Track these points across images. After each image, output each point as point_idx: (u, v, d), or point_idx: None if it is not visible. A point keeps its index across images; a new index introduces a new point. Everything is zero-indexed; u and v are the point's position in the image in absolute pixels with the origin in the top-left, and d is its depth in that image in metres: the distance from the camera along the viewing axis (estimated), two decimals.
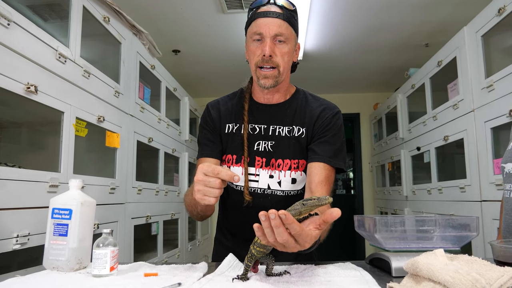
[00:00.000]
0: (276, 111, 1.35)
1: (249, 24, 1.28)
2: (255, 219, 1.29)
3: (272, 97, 1.35)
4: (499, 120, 2.12)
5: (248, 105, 1.36)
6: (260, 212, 0.75)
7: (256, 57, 1.24)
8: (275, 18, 1.22)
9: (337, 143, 1.31)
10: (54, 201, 1.04)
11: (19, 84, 1.41)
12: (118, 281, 0.89)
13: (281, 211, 0.74)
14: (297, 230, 0.75)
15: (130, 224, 2.35)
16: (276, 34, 1.22)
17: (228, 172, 0.91)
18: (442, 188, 2.85)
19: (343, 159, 1.31)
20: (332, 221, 0.78)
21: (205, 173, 0.93)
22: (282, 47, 1.24)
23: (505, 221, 1.33)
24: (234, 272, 0.95)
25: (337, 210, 0.75)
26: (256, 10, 1.25)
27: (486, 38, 2.28)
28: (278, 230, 0.75)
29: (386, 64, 4.30)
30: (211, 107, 1.42)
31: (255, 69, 1.26)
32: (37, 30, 1.53)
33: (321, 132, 1.31)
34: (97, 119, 1.95)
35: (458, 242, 0.95)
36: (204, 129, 1.40)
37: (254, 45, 1.25)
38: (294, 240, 0.77)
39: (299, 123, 1.33)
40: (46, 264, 1.02)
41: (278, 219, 0.73)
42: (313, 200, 0.80)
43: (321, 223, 0.80)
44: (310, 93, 1.42)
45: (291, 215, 0.78)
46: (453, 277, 0.64)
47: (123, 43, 2.30)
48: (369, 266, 1.04)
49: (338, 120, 1.34)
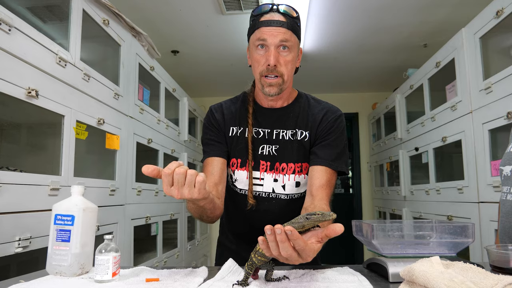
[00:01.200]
0: (279, 115, 1.36)
1: (252, 31, 1.28)
2: (259, 222, 1.31)
3: (276, 103, 1.36)
4: (497, 122, 2.13)
5: (252, 108, 1.37)
6: (266, 226, 0.76)
7: (261, 66, 1.25)
8: (279, 27, 1.22)
9: (339, 146, 1.32)
10: (56, 207, 1.05)
11: (20, 89, 1.42)
12: (120, 287, 0.90)
13: (287, 226, 0.75)
14: (301, 246, 0.76)
15: (130, 225, 2.37)
16: (280, 42, 1.22)
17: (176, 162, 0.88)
18: (440, 189, 2.87)
19: (345, 162, 1.32)
20: (335, 236, 0.79)
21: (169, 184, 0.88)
22: (286, 56, 1.24)
23: (502, 224, 1.34)
24: (234, 277, 0.96)
25: (340, 226, 0.77)
26: (259, 18, 1.25)
27: (484, 40, 2.29)
28: (283, 245, 0.76)
29: (384, 64, 4.31)
30: (214, 110, 1.42)
31: (259, 78, 1.27)
32: (38, 34, 1.54)
33: (323, 135, 1.33)
34: (97, 121, 1.97)
35: (454, 248, 0.96)
36: (209, 131, 1.39)
37: (258, 53, 1.25)
38: (297, 254, 0.78)
39: (302, 126, 1.35)
40: (49, 269, 1.04)
41: (284, 234, 0.75)
42: (317, 215, 0.81)
43: (323, 237, 0.81)
44: (312, 96, 1.43)
45: (294, 228, 0.80)
46: (448, 285, 0.66)
47: (122, 45, 2.31)
48: (367, 271, 1.06)
49: (341, 123, 1.35)
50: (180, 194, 0.88)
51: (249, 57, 1.34)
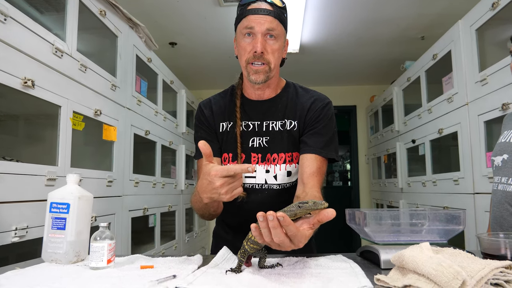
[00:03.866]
0: (268, 107, 1.37)
1: (239, 20, 1.29)
2: (252, 213, 1.31)
3: (263, 93, 1.37)
4: (492, 114, 2.14)
5: (240, 101, 1.37)
6: (258, 212, 0.77)
7: (247, 53, 1.25)
8: (266, 15, 1.23)
9: (328, 133, 1.33)
10: (52, 196, 1.06)
11: (16, 79, 1.42)
12: (115, 273, 0.91)
13: (279, 213, 0.76)
14: (293, 231, 0.77)
15: (128, 217, 2.38)
16: (267, 30, 1.23)
17: (242, 166, 0.93)
18: (437, 181, 2.89)
19: (334, 149, 1.33)
20: (327, 221, 0.80)
21: (221, 175, 0.92)
22: (272, 44, 1.25)
23: (493, 213, 1.36)
24: (228, 265, 0.98)
25: (332, 210, 0.78)
26: (246, 7, 1.26)
27: (480, 32, 2.30)
28: (275, 231, 0.77)
29: (382, 57, 4.31)
30: (203, 106, 1.43)
31: (245, 65, 1.27)
32: (34, 24, 1.54)
33: (312, 124, 1.33)
34: (94, 112, 1.97)
35: (445, 235, 0.98)
36: (200, 129, 1.41)
37: (245, 41, 1.26)
38: (289, 240, 0.80)
39: (291, 116, 1.35)
40: (44, 256, 1.05)
41: (276, 220, 0.76)
42: (309, 203, 0.82)
43: (315, 223, 0.82)
44: (300, 85, 1.44)
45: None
46: (435, 269, 0.67)
47: (119, 36, 2.30)
48: (360, 258, 1.07)
49: (329, 111, 1.35)
50: (225, 192, 0.94)
51: (235, 47, 1.35)
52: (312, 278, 0.83)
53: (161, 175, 3.05)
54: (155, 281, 0.81)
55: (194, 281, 0.81)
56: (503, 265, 0.70)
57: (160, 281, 0.81)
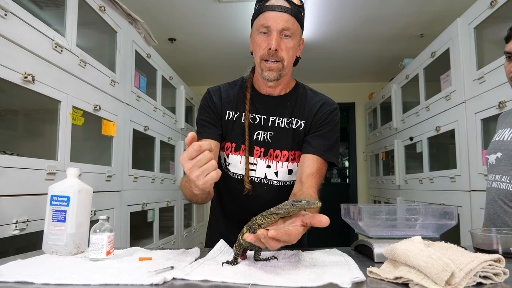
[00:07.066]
0: (277, 103, 1.38)
1: (256, 16, 1.30)
2: (250, 206, 1.33)
3: (274, 90, 1.38)
4: (489, 112, 2.16)
5: (250, 94, 1.38)
6: (249, 238, 0.79)
7: (262, 50, 1.27)
8: (282, 13, 1.24)
9: (332, 138, 1.35)
10: (52, 189, 1.08)
11: (16, 74, 1.44)
12: (114, 265, 0.93)
13: (270, 231, 0.76)
14: (286, 239, 0.79)
15: (126, 211, 2.40)
16: (283, 28, 1.24)
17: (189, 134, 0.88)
18: (433, 178, 2.91)
19: (336, 154, 1.35)
20: (319, 226, 0.81)
21: (189, 156, 0.87)
22: (287, 42, 1.26)
23: (487, 210, 1.38)
24: (224, 257, 0.99)
25: (326, 218, 0.80)
26: (264, 3, 1.27)
27: (478, 30, 2.31)
28: (269, 244, 0.79)
29: (381, 54, 4.32)
30: (212, 92, 1.42)
31: (259, 61, 1.29)
32: (34, 20, 1.55)
33: (318, 126, 1.35)
34: (93, 107, 1.98)
35: (438, 230, 0.99)
36: (205, 112, 1.39)
37: (260, 37, 1.27)
38: (283, 242, 0.81)
39: (299, 116, 1.37)
40: (45, 248, 1.07)
41: (268, 238, 0.77)
42: (302, 202, 0.84)
43: (308, 223, 0.84)
44: (309, 87, 1.46)
45: (280, 213, 0.85)
46: (426, 262, 0.69)
47: (119, 32, 2.31)
48: (354, 252, 1.09)
49: (336, 116, 1.38)
50: (191, 171, 0.88)
51: (251, 43, 1.35)
52: (307, 270, 0.85)
53: (160, 171, 3.07)
54: (153, 271, 0.82)
55: (192, 272, 0.83)
56: (492, 258, 0.72)
57: (158, 272, 0.82)
